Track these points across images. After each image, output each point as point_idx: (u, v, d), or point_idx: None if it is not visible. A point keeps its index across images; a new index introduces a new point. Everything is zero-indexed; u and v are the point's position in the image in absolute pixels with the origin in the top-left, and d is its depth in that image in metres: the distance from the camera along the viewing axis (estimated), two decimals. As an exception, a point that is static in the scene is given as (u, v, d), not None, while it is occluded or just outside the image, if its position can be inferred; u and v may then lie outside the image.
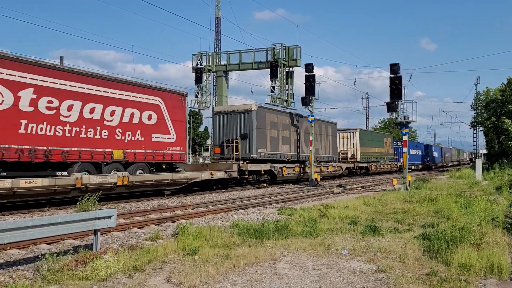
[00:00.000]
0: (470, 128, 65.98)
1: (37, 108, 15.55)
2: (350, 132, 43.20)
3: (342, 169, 39.54)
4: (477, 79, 62.85)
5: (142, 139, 19.66)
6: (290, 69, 32.42)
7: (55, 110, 16.13)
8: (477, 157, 57.85)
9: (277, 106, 31.78)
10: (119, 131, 18.62)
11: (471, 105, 63.61)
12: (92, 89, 17.57)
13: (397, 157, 53.39)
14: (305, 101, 29.97)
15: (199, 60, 34.88)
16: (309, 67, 29.62)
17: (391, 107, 25.46)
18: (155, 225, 12.31)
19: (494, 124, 50.26)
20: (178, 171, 21.91)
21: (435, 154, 71.40)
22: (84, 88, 17.26)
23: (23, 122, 15.09)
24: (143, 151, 19.73)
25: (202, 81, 35.06)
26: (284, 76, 31.92)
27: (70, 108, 16.66)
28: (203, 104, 34.88)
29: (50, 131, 15.87)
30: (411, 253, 8.60)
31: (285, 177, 29.77)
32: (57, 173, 16.35)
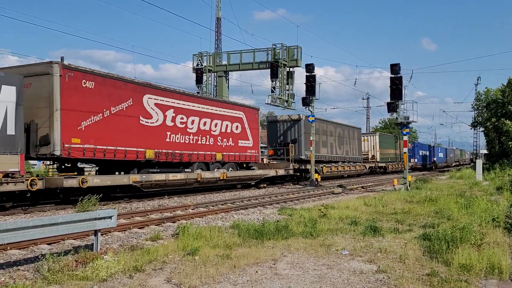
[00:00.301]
0: (470, 129, 66.04)
1: (175, 123, 21.11)
2: (370, 136, 48.99)
3: (366, 168, 45.02)
4: (478, 79, 62.85)
5: (233, 144, 25.48)
6: (291, 69, 32.41)
7: (184, 124, 21.75)
8: (478, 158, 57.83)
9: (278, 106, 31.84)
10: (219, 139, 24.38)
11: (471, 105, 63.65)
12: (204, 108, 23.30)
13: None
14: (306, 101, 29.97)
15: (199, 60, 34.90)
16: (309, 67, 29.60)
17: (392, 107, 25.45)
18: (156, 225, 12.31)
19: (494, 125, 50.24)
20: (253, 169, 27.67)
21: (441, 154, 77.10)
22: (200, 107, 22.95)
23: (168, 133, 20.66)
24: (233, 153, 25.49)
25: (203, 81, 35.08)
26: (285, 76, 31.92)
27: (192, 122, 22.32)
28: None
29: (182, 140, 21.50)
30: (412, 253, 8.60)
31: (325, 174, 35.13)
32: (185, 170, 21.80)
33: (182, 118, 21.48)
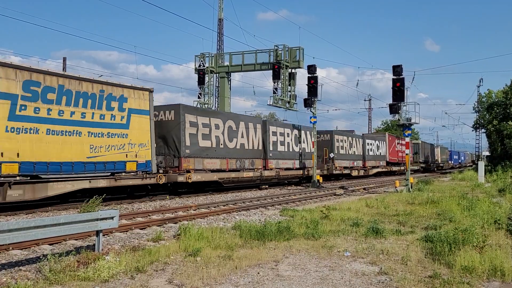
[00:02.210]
0: (472, 130, 65.94)
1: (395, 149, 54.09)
2: (437, 147, 79.31)
3: (436, 168, 74.96)
4: (480, 81, 62.81)
5: (399, 155, 55.22)
6: (293, 70, 32.41)
7: (391, 149, 52.25)
8: (480, 159, 57.73)
9: (280, 107, 31.85)
10: (398, 154, 54.95)
11: (473, 107, 63.56)
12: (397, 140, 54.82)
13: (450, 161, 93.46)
14: (308, 103, 29.95)
15: (201, 61, 34.91)
16: (311, 69, 29.58)
17: (394, 108, 25.44)
18: (157, 226, 12.31)
19: (496, 128, 50.15)
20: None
21: (462, 158, 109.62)
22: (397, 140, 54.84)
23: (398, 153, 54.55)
24: (400, 158, 54.91)
25: (205, 82, 35.10)
26: (287, 78, 31.94)
27: (394, 147, 53.75)
28: (206, 106, 34.88)
29: (397, 156, 55.08)
30: (414, 255, 8.58)
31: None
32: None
33: (395, 146, 52.32)
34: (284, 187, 29.55)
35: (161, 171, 19.83)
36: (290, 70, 32.21)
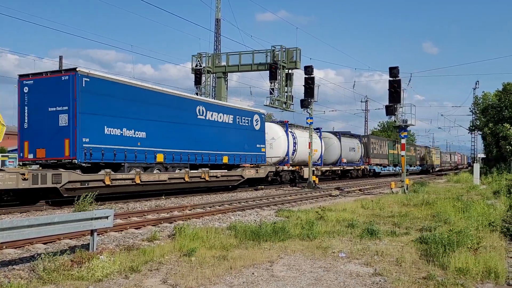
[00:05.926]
0: (468, 133, 66.20)
1: None
2: (464, 155, 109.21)
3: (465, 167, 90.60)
4: (476, 83, 63.16)
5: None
6: (290, 71, 32.46)
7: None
8: (475, 162, 57.98)
9: (277, 107, 31.88)
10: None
11: (469, 109, 63.86)
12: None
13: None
14: (304, 104, 29.93)
15: (198, 61, 34.91)
16: (308, 70, 29.55)
17: (390, 110, 25.50)
18: (152, 225, 12.28)
19: (491, 130, 50.40)
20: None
21: (470, 160, 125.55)
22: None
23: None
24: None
25: (201, 82, 35.08)
26: (284, 78, 31.97)
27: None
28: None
29: None
30: (408, 256, 8.59)
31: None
32: None
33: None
34: (280, 188, 29.55)
35: None
36: (287, 71, 32.24)
